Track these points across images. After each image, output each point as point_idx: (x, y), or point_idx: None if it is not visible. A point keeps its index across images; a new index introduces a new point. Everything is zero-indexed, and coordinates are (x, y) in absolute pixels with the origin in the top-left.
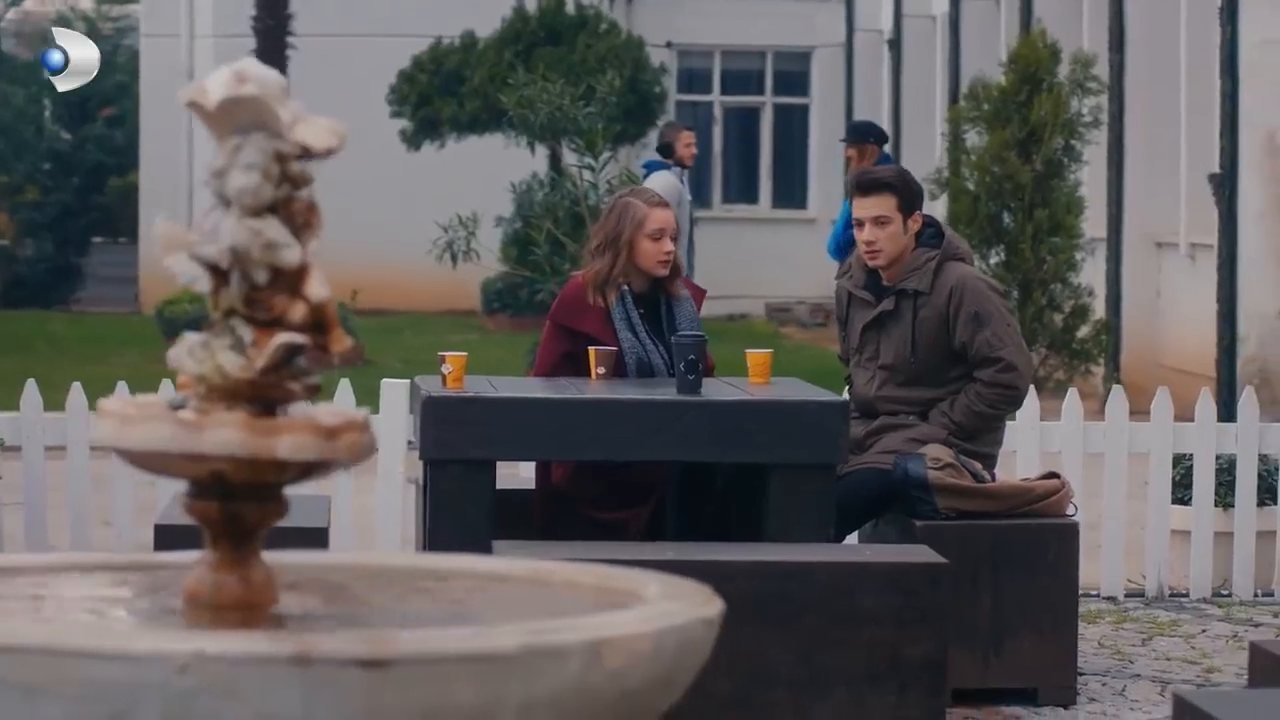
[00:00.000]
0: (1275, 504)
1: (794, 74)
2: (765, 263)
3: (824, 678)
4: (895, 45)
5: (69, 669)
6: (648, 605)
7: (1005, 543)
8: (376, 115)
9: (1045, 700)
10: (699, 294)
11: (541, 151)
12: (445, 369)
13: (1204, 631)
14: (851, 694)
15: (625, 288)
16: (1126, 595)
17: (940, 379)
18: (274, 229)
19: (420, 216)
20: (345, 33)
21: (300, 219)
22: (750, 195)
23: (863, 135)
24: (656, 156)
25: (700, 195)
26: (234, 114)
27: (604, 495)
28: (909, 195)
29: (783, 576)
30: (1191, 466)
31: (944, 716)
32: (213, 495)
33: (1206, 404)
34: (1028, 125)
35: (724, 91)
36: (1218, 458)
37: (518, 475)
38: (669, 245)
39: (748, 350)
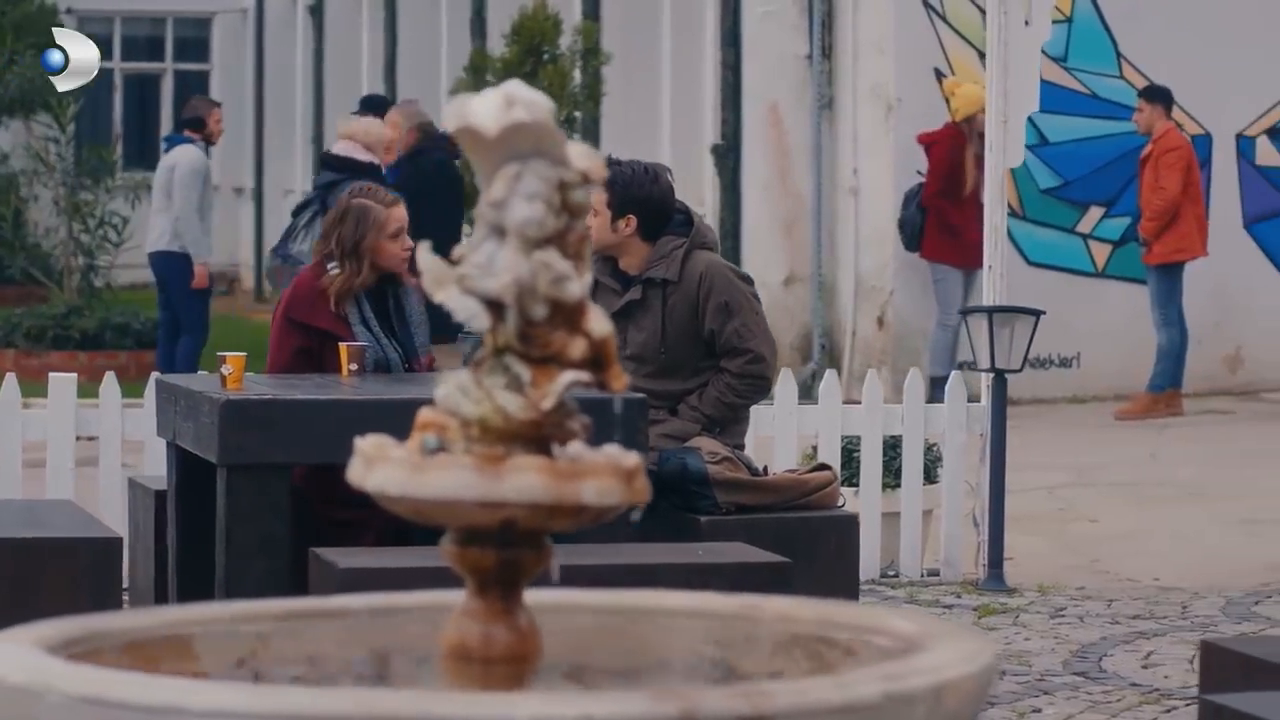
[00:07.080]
0: (935, 483)
1: (195, 40)
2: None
3: None
4: (317, 12)
5: None
6: (950, 645)
7: (788, 537)
8: None
9: None
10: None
11: None
12: (225, 369)
13: None
14: None
15: None
16: None
17: (690, 370)
18: (559, 262)
19: None
20: None
21: (572, 250)
22: (149, 163)
23: (375, 108)
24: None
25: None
26: (511, 142)
27: (344, 494)
28: (621, 197)
29: (630, 579)
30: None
31: None
32: (489, 542)
33: (874, 386)
34: None
35: (124, 58)
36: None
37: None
38: (409, 241)
39: None
